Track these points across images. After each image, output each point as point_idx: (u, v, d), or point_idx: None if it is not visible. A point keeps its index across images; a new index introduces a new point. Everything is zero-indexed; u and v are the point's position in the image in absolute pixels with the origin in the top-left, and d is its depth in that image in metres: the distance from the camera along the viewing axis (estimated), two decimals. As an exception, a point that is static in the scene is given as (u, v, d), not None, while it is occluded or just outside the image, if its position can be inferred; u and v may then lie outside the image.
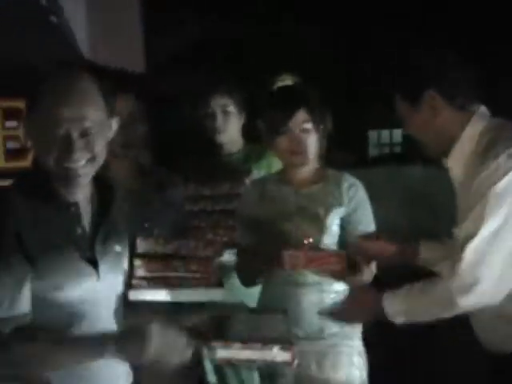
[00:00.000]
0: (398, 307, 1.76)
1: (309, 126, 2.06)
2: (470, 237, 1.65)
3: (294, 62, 2.83)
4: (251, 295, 2.24)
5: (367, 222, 2.15)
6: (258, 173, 2.47)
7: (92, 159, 1.43)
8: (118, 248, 1.55)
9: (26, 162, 2.75)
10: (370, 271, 1.99)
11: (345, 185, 2.15)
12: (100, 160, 1.46)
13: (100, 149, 1.44)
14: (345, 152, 2.30)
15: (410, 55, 1.95)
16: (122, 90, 2.21)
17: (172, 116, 2.93)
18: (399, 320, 1.75)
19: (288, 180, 2.14)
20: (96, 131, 1.41)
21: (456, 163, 1.82)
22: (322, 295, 2.05)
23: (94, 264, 1.46)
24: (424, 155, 2.00)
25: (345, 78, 3.50)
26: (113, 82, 1.69)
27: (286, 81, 2.42)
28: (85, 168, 1.44)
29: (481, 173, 1.68)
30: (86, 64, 2.68)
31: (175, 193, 2.35)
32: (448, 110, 1.79)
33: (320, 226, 2.08)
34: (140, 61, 3.36)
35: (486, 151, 1.71)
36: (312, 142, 2.09)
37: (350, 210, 2.11)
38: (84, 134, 1.40)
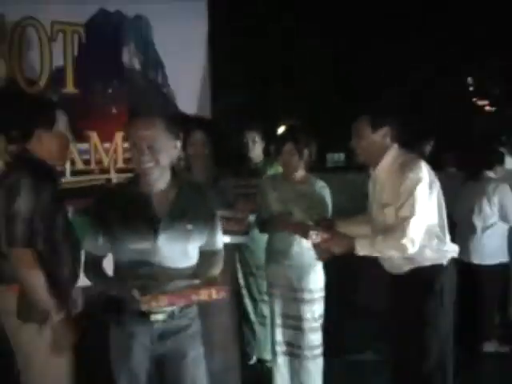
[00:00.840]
0: (365, 248, 2.61)
1: (294, 152, 3.11)
2: (409, 217, 2.52)
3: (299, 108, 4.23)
4: (263, 238, 3.42)
5: (327, 212, 3.15)
6: (270, 173, 3.66)
7: (156, 164, 1.94)
8: (189, 226, 2.04)
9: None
10: None
11: (318, 186, 3.20)
12: (163, 166, 1.96)
13: (162, 158, 1.95)
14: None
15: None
16: (197, 128, 3.12)
17: (226, 142, 3.99)
18: (362, 253, 2.61)
19: (288, 179, 3.21)
20: (159, 147, 1.92)
21: (381, 171, 2.70)
22: (303, 241, 2.99)
23: (156, 233, 1.98)
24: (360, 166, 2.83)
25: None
26: (192, 124, 2.83)
27: (289, 122, 3.66)
28: (152, 169, 1.95)
29: (405, 179, 2.54)
30: (181, 114, 4.17)
31: (225, 182, 3.16)
32: (387, 140, 2.67)
33: (306, 207, 3.09)
34: (207, 110, 4.83)
35: (403, 167, 2.59)
36: (296, 162, 3.13)
37: (318, 201, 3.16)
38: (150, 147, 1.91)
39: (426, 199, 2.59)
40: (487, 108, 12.41)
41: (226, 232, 2.70)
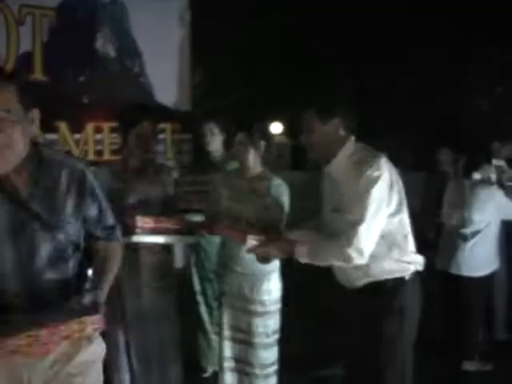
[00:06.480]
0: (306, 254, 2.32)
1: (246, 143, 2.86)
2: (360, 221, 2.21)
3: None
4: (214, 241, 3.28)
5: (285, 207, 2.88)
6: (230, 169, 3.25)
7: None
8: None
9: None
10: None
11: (274, 183, 2.92)
12: None
13: None
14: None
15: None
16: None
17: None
18: (303, 261, 2.32)
19: (242, 175, 2.95)
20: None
21: (335, 168, 2.39)
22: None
23: None
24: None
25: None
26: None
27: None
28: None
29: (359, 179, 2.23)
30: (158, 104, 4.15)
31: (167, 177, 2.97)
32: (340, 132, 2.39)
33: (260, 206, 2.85)
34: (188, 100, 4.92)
35: (359, 164, 2.27)
36: (249, 154, 2.87)
37: (276, 198, 2.89)
38: None
39: (384, 203, 2.26)
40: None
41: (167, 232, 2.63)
